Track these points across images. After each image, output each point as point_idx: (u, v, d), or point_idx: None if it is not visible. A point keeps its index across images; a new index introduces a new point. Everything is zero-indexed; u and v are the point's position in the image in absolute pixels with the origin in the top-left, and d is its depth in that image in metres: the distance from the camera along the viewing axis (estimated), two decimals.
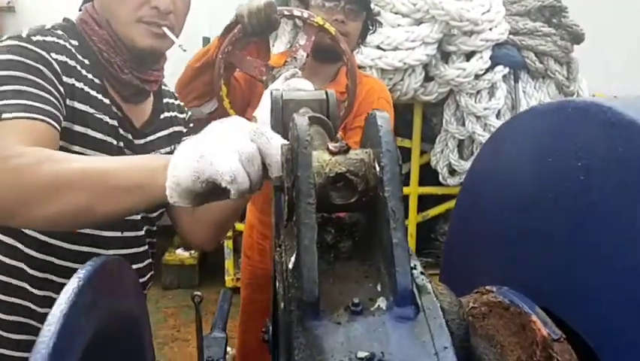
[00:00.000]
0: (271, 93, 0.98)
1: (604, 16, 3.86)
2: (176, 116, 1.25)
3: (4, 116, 0.84)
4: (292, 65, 1.45)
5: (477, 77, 3.13)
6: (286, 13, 1.42)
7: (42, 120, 0.87)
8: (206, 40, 3.80)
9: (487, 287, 0.77)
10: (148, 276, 1.22)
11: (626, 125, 0.54)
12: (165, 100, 1.23)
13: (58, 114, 0.92)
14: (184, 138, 1.24)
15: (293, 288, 0.53)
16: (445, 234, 3.86)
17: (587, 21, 3.32)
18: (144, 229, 1.17)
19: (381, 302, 0.51)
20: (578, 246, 0.66)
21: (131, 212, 0.80)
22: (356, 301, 0.50)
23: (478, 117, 3.22)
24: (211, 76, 1.49)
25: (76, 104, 0.98)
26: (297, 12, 1.42)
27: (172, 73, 1.37)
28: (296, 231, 0.54)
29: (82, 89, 1.00)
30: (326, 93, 0.99)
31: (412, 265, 0.53)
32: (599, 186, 0.59)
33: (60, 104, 0.93)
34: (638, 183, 0.54)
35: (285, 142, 0.65)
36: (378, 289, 0.53)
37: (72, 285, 0.58)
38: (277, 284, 0.59)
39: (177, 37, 1.10)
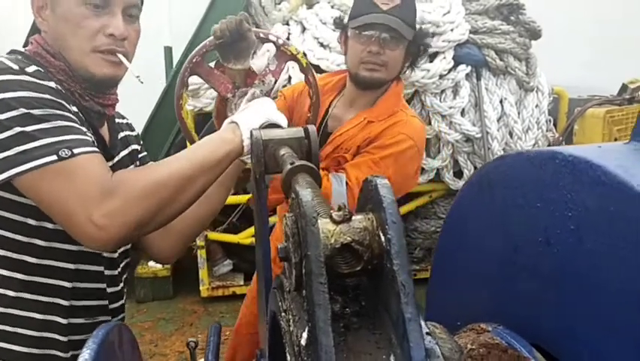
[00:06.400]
0: (251, 133, 0.98)
1: (560, 11, 3.97)
2: (129, 135, 1.27)
3: (76, 151, 0.90)
4: (259, 88, 1.44)
5: (441, 76, 3.18)
6: (262, 35, 1.40)
7: (97, 152, 0.95)
8: (167, 50, 3.74)
9: (483, 325, 0.80)
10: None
11: (617, 186, 0.57)
12: (117, 121, 1.24)
13: None
14: (140, 155, 1.29)
15: None
16: (416, 230, 3.92)
17: (543, 16, 3.42)
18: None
19: None
20: (570, 289, 0.69)
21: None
22: None
23: (443, 116, 3.28)
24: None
25: None
26: (272, 37, 1.40)
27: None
28: (307, 307, 0.55)
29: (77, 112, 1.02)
30: (305, 130, 1.00)
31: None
32: (591, 239, 0.62)
33: None
34: (629, 243, 0.56)
35: None
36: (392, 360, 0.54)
37: None
38: (288, 357, 0.60)
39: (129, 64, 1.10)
